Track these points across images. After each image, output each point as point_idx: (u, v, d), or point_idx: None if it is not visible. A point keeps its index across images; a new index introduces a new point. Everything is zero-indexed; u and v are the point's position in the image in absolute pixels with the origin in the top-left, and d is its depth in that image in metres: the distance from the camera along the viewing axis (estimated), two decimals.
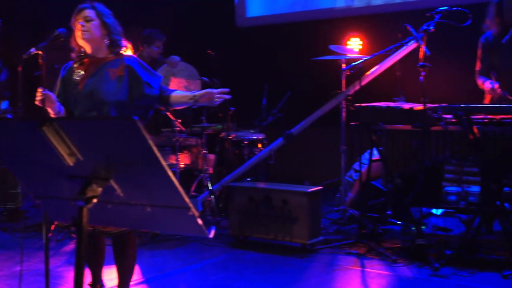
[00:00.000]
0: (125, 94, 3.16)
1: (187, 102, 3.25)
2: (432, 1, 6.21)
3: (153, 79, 3.24)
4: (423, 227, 4.85)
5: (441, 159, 4.42)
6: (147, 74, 3.22)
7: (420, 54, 4.18)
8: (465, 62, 5.12)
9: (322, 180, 6.30)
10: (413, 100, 4.68)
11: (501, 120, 4.05)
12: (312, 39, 7.07)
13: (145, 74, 3.21)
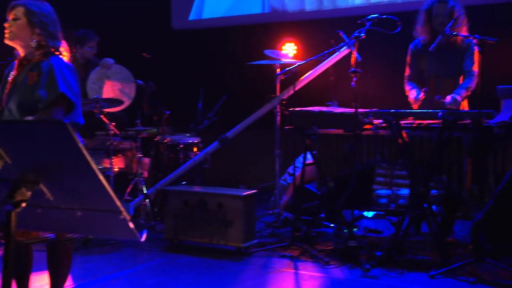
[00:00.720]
0: (34, 96, 2.97)
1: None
2: (364, 8, 6.38)
3: (65, 87, 3.01)
4: (355, 229, 4.96)
5: (372, 163, 4.54)
6: (63, 82, 3.01)
7: (352, 60, 4.28)
8: (395, 68, 5.26)
9: (257, 184, 6.35)
10: (346, 104, 4.78)
11: (428, 125, 4.20)
12: (248, 43, 7.12)
13: (61, 81, 3.00)
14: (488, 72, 4.12)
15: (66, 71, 3.05)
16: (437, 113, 4.13)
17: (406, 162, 4.31)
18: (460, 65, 4.66)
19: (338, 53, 4.98)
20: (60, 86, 2.97)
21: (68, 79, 3.03)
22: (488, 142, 4.05)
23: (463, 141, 4.11)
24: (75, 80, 3.08)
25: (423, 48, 4.74)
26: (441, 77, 4.72)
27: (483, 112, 3.96)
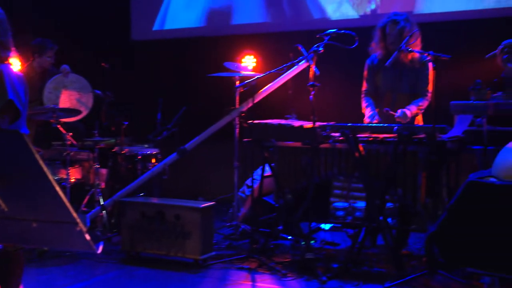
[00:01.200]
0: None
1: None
2: (323, 23, 6.47)
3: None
4: (312, 241, 5.00)
5: (329, 176, 4.59)
6: (12, 90, 2.99)
7: (310, 74, 4.34)
8: (353, 82, 5.34)
9: (215, 196, 6.34)
10: (304, 118, 4.83)
11: (384, 139, 4.28)
12: (208, 55, 7.14)
13: (10, 89, 2.98)
14: (442, 88, 4.23)
15: (15, 80, 3.03)
16: (393, 127, 4.20)
17: (362, 175, 4.38)
18: (415, 82, 4.77)
19: (297, 67, 5.03)
20: (9, 94, 2.95)
21: (17, 88, 3.02)
22: (442, 156, 4.15)
23: (417, 155, 4.19)
24: (24, 90, 3.07)
25: (379, 64, 4.84)
26: (396, 92, 4.81)
27: (437, 127, 4.05)
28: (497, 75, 4.25)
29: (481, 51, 4.14)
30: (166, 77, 7.69)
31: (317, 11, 6.81)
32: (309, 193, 4.43)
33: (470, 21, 5.91)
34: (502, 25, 5.03)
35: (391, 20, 4.74)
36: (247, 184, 5.73)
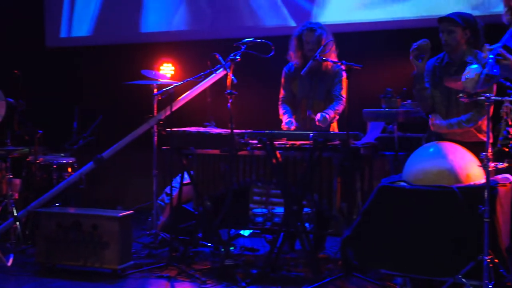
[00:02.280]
0: None
1: None
2: (241, 31, 6.54)
3: None
4: (231, 248, 5.03)
5: (248, 182, 4.65)
6: None
7: (227, 82, 4.38)
8: (270, 90, 5.43)
9: (134, 204, 6.27)
10: (223, 125, 4.87)
11: (300, 146, 4.38)
12: (126, 63, 7.05)
13: None
14: (354, 96, 4.37)
15: None
16: (309, 134, 4.31)
17: (280, 182, 4.45)
18: (330, 89, 4.91)
19: (215, 75, 5.07)
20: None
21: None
22: (356, 162, 4.28)
23: (332, 161, 4.31)
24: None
25: (296, 72, 4.95)
26: (312, 99, 4.94)
27: (351, 133, 4.18)
28: (407, 84, 4.42)
29: (392, 61, 4.31)
30: (83, 85, 7.54)
31: (235, 20, 6.87)
32: (228, 200, 4.46)
33: (382, 32, 6.13)
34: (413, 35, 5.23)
35: (307, 28, 4.87)
36: (166, 192, 5.70)
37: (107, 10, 7.52)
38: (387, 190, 3.91)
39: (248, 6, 6.78)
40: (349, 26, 6.21)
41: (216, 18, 6.97)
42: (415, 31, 5.59)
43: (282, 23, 6.57)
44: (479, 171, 3.74)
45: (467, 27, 4.09)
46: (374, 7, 6.18)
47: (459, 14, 4.14)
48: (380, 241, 3.90)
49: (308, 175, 4.31)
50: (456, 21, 4.09)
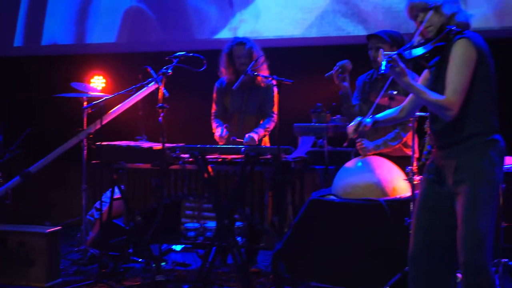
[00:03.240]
0: None
1: None
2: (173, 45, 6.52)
3: None
4: (163, 263, 4.98)
5: (179, 197, 4.63)
6: None
7: (159, 95, 4.36)
8: (203, 104, 5.43)
9: (63, 220, 6.13)
10: (154, 139, 4.84)
11: (232, 160, 4.39)
12: (55, 75, 6.90)
13: None
14: (286, 110, 4.43)
15: None
16: (240, 148, 4.33)
17: (212, 196, 4.45)
18: (261, 104, 4.96)
19: (146, 88, 5.02)
20: None
21: None
22: (287, 176, 4.33)
23: (264, 175, 4.34)
24: None
25: (227, 87, 4.98)
26: (244, 114, 4.98)
27: (282, 148, 4.22)
28: (336, 99, 4.51)
29: (321, 76, 4.39)
30: (9, 97, 7.33)
31: (168, 33, 6.85)
32: (159, 214, 4.42)
33: (312, 47, 6.24)
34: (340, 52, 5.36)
35: (237, 43, 4.92)
36: (96, 207, 5.59)
37: (36, 20, 7.35)
38: (317, 203, 3.97)
39: (181, 20, 6.77)
40: (281, 41, 6.30)
41: (149, 31, 6.92)
42: (344, 48, 5.74)
43: (213, 37, 6.59)
44: (405, 185, 3.86)
45: (394, 44, 4.22)
46: (305, 23, 6.30)
47: (386, 32, 4.28)
48: (310, 254, 3.95)
49: (240, 189, 4.33)
50: (383, 38, 4.22)
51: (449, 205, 2.90)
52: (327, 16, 6.23)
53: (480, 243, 2.76)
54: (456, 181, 2.85)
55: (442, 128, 2.90)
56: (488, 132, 2.85)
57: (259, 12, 6.46)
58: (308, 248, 3.95)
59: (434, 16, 2.92)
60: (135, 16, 6.97)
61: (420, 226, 3.00)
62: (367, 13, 6.10)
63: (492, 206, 2.81)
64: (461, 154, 2.84)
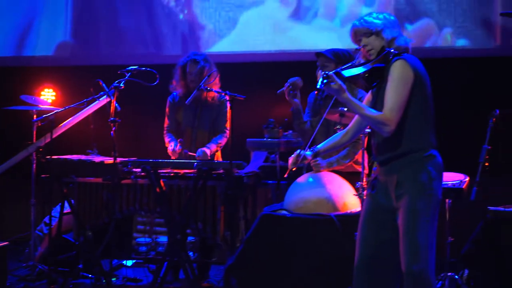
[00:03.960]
0: None
1: None
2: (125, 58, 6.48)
3: None
4: (113, 279, 4.92)
5: (131, 211, 4.58)
6: None
7: (111, 109, 4.33)
8: (156, 118, 5.41)
9: (10, 235, 6.00)
10: (106, 153, 4.79)
11: (185, 174, 4.39)
12: (4, 86, 6.77)
13: None
14: (238, 125, 4.45)
15: None
16: (193, 163, 4.34)
17: (164, 210, 4.43)
18: (214, 119, 4.98)
19: (98, 102, 4.97)
20: None
21: None
22: (239, 190, 4.35)
23: (216, 190, 4.34)
24: None
25: (180, 101, 4.98)
26: (197, 129, 4.99)
27: (234, 163, 4.25)
28: (288, 115, 4.57)
29: (274, 92, 4.45)
30: None
31: (120, 47, 6.80)
32: (110, 229, 4.38)
33: (265, 63, 6.30)
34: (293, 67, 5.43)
35: (191, 60, 4.93)
36: (45, 222, 5.49)
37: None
38: (269, 218, 4.00)
39: (133, 33, 6.74)
40: (234, 57, 6.34)
41: (101, 44, 6.87)
42: (297, 64, 5.81)
43: (167, 52, 6.58)
44: (355, 200, 3.93)
45: (340, 62, 4.32)
46: (258, 38, 6.36)
47: (332, 51, 4.38)
48: (262, 268, 3.97)
49: (192, 204, 4.33)
50: (327, 56, 4.33)
51: (391, 220, 3.01)
52: (280, 32, 6.30)
53: (419, 253, 2.87)
54: (397, 196, 2.97)
55: (381, 144, 3.05)
56: (425, 148, 2.99)
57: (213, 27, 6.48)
58: (260, 263, 3.97)
59: (375, 40, 3.09)
60: (87, 28, 6.90)
61: (364, 239, 3.11)
62: (321, 29, 6.20)
63: (431, 219, 2.92)
64: (401, 169, 2.97)
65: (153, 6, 6.66)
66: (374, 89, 3.13)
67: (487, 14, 5.81)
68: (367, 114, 2.97)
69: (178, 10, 6.58)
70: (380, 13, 3.20)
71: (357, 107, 2.98)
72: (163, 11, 6.63)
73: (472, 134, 3.13)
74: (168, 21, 6.62)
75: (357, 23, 3.14)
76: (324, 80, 2.90)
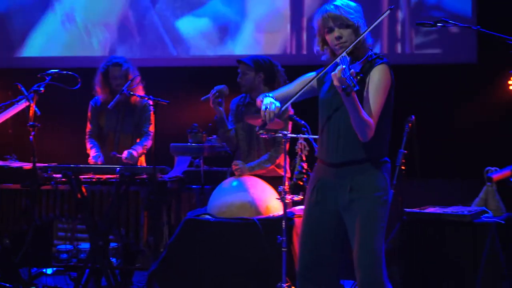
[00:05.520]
0: None
1: None
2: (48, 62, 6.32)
3: None
4: (33, 287, 4.80)
5: (51, 218, 4.49)
6: None
7: (30, 113, 4.22)
8: (77, 123, 5.32)
9: None
10: (25, 159, 4.67)
11: (107, 179, 4.33)
12: None
13: None
14: (162, 130, 4.44)
15: None
16: (115, 168, 4.29)
17: (85, 217, 4.36)
18: (137, 124, 4.94)
19: (17, 106, 4.84)
20: None
21: None
22: (163, 195, 4.33)
23: (140, 195, 4.31)
24: None
25: (102, 106, 4.92)
26: (120, 133, 4.93)
27: (158, 167, 4.23)
28: (212, 120, 4.60)
29: (198, 97, 4.47)
30: None
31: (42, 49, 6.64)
32: (29, 236, 4.27)
33: (188, 68, 6.31)
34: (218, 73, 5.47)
35: (113, 64, 4.87)
36: None
37: None
38: (192, 223, 4.01)
39: (55, 35, 6.59)
40: (157, 61, 6.31)
41: (21, 46, 6.68)
42: (221, 69, 5.85)
43: (90, 54, 6.48)
44: (278, 204, 3.99)
45: (260, 70, 4.41)
46: (182, 43, 6.36)
47: (252, 58, 4.44)
48: (186, 273, 3.97)
49: (114, 210, 4.28)
50: (248, 64, 4.39)
51: (334, 225, 2.97)
52: (205, 37, 6.32)
53: (376, 261, 2.85)
54: (350, 199, 2.89)
55: (342, 146, 2.91)
56: (383, 155, 2.96)
57: (136, 32, 6.43)
58: (184, 268, 3.97)
59: (351, 34, 2.87)
60: (6, 29, 6.70)
61: (305, 244, 3.04)
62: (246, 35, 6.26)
63: (384, 225, 2.92)
64: (358, 174, 2.90)
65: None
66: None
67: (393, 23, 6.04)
68: (363, 116, 2.76)
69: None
70: (353, 1, 2.96)
71: (358, 107, 2.74)
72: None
73: (389, 139, 3.22)
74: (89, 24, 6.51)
75: (334, 9, 2.88)
76: (357, 77, 2.59)
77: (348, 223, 2.93)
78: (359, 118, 2.77)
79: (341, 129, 2.92)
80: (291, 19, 6.20)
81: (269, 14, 6.25)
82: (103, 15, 6.51)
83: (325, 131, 2.99)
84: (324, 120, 3.00)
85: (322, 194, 2.99)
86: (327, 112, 2.99)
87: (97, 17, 6.52)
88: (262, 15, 6.25)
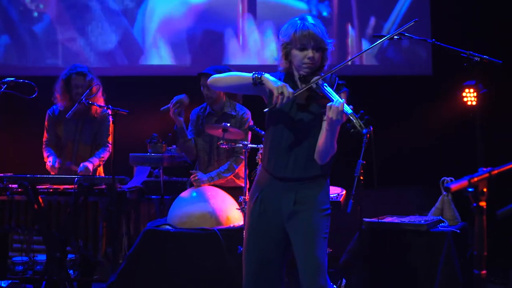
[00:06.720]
0: None
1: None
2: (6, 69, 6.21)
3: None
4: None
5: (6, 229, 4.40)
6: None
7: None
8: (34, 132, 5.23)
9: None
10: None
11: (65, 190, 4.27)
12: None
13: None
14: (121, 140, 4.40)
15: None
16: (74, 178, 4.23)
17: (42, 228, 4.28)
18: (96, 134, 4.87)
19: None
20: None
21: None
22: (122, 206, 4.29)
23: (98, 206, 4.26)
24: None
25: (61, 115, 4.84)
26: (78, 143, 4.86)
27: (117, 178, 4.19)
28: (171, 130, 4.59)
29: (158, 107, 4.45)
30: None
31: None
32: None
33: (149, 77, 6.28)
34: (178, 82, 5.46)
35: (77, 72, 4.76)
36: None
37: None
38: (152, 233, 3.98)
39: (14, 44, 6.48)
40: (117, 70, 6.26)
41: None
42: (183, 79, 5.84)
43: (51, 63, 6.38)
44: (238, 214, 4.00)
45: None
46: (141, 53, 6.33)
47: (215, 69, 4.43)
48: (145, 285, 3.94)
49: (72, 221, 4.22)
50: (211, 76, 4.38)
51: (281, 236, 2.99)
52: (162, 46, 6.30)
53: (319, 269, 2.91)
54: (293, 211, 2.94)
55: (295, 163, 2.93)
56: (329, 173, 3.05)
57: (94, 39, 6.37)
58: (144, 279, 3.94)
59: (319, 57, 2.88)
60: None
61: (250, 255, 3.04)
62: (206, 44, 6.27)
63: (326, 236, 3.00)
64: (304, 188, 2.95)
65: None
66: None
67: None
68: (334, 143, 2.86)
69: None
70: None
71: (336, 135, 2.83)
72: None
73: (348, 149, 3.26)
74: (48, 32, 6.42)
75: (314, 29, 2.84)
76: (367, 123, 2.68)
77: (292, 234, 2.97)
78: (331, 144, 2.84)
79: (294, 147, 2.94)
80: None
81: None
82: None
83: (275, 143, 2.98)
84: (278, 132, 2.97)
85: (265, 205, 2.99)
86: (282, 124, 2.96)
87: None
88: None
